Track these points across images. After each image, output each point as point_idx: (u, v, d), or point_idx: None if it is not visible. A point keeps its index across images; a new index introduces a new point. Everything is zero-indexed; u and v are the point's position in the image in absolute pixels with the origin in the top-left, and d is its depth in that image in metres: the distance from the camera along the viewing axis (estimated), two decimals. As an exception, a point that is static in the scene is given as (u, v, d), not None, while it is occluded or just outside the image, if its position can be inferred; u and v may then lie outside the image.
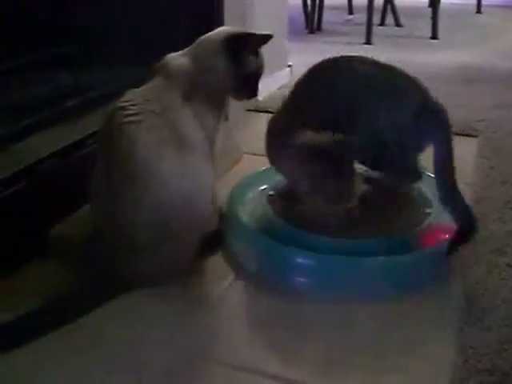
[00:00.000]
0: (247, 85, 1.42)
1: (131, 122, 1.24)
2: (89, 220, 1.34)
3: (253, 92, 1.44)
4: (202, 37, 1.42)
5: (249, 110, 2.33)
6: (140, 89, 1.33)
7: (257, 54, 1.42)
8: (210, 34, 1.42)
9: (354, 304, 1.25)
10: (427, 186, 1.52)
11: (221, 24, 2.02)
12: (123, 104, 1.28)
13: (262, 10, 2.46)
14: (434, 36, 4.10)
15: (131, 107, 1.26)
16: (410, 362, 1.09)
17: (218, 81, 1.36)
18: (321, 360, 1.10)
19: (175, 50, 1.39)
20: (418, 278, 1.31)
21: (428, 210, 1.47)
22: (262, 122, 1.49)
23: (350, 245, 1.35)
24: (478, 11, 5.18)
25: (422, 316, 1.22)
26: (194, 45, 1.40)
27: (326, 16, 4.55)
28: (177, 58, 1.37)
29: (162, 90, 1.32)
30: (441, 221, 1.42)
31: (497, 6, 5.39)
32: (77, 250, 1.39)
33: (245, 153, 1.91)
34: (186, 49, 1.40)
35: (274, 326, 1.20)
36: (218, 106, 1.39)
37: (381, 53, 3.51)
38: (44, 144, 1.47)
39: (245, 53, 1.39)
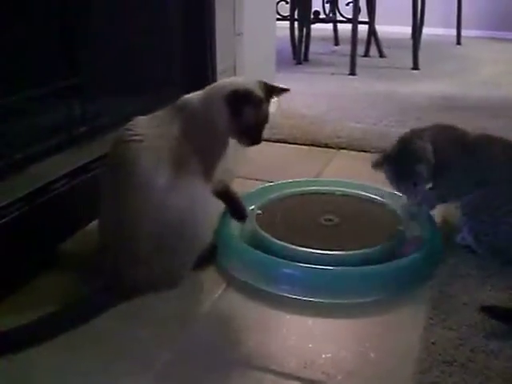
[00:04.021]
0: (248, 134, 1.49)
1: (135, 141, 1.37)
2: (95, 235, 1.44)
3: (254, 140, 1.51)
4: (216, 83, 1.56)
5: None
6: (148, 116, 1.46)
7: (260, 106, 1.48)
8: (222, 82, 1.54)
9: (335, 308, 1.39)
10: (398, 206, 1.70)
11: (213, 58, 2.19)
12: (130, 127, 1.41)
13: (251, 43, 2.59)
14: (415, 67, 4.22)
15: (136, 129, 1.40)
16: (381, 354, 1.23)
17: (220, 126, 1.47)
18: (301, 353, 1.23)
19: (172, 84, 1.53)
20: (392, 284, 1.45)
21: (400, 227, 1.62)
22: (251, 149, 1.62)
23: (329, 257, 1.49)
24: (458, 43, 5.34)
25: (393, 317, 1.37)
26: (208, 88, 1.52)
27: (313, 47, 4.65)
28: (189, 98, 1.50)
29: (165, 120, 1.45)
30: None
31: (476, 38, 5.54)
32: (84, 262, 1.51)
33: (236, 177, 2.00)
34: (202, 90, 1.51)
35: (261, 328, 1.34)
36: (219, 143, 1.50)
37: (364, 83, 3.72)
38: (55, 167, 1.60)
39: (245, 108, 1.46)
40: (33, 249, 1.45)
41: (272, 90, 1.54)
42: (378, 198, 1.78)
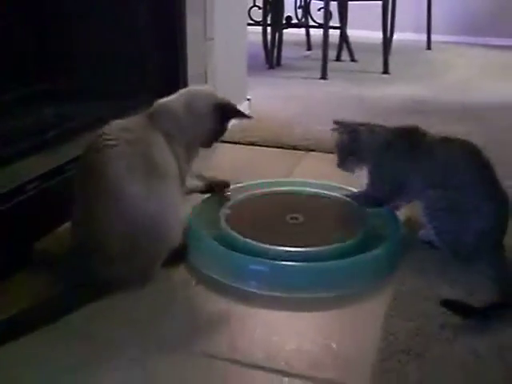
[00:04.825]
0: (215, 139, 1.68)
1: (107, 146, 1.41)
2: (68, 235, 1.49)
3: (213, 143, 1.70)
4: (192, 90, 1.69)
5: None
6: (123, 120, 1.51)
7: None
8: (200, 90, 1.70)
9: (299, 303, 1.45)
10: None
11: (184, 63, 2.23)
12: (104, 131, 1.45)
13: (222, 47, 2.63)
14: (386, 71, 4.31)
15: (110, 134, 1.44)
16: (343, 346, 1.28)
17: (201, 133, 1.61)
18: (266, 346, 1.28)
19: (143, 88, 1.56)
20: (355, 279, 1.50)
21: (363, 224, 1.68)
22: (220, 152, 1.66)
23: (296, 252, 1.54)
24: (428, 47, 5.43)
25: (356, 310, 1.43)
26: (183, 94, 1.63)
27: (286, 52, 4.71)
28: (166, 104, 1.58)
29: (141, 125, 1.50)
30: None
31: (445, 43, 5.66)
32: (58, 260, 1.55)
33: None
34: (175, 96, 1.62)
35: (228, 322, 1.38)
36: (194, 148, 1.61)
37: (335, 87, 3.77)
38: (30, 168, 1.62)
39: (229, 119, 1.67)
40: (7, 248, 1.47)
41: None
42: (343, 197, 1.84)
